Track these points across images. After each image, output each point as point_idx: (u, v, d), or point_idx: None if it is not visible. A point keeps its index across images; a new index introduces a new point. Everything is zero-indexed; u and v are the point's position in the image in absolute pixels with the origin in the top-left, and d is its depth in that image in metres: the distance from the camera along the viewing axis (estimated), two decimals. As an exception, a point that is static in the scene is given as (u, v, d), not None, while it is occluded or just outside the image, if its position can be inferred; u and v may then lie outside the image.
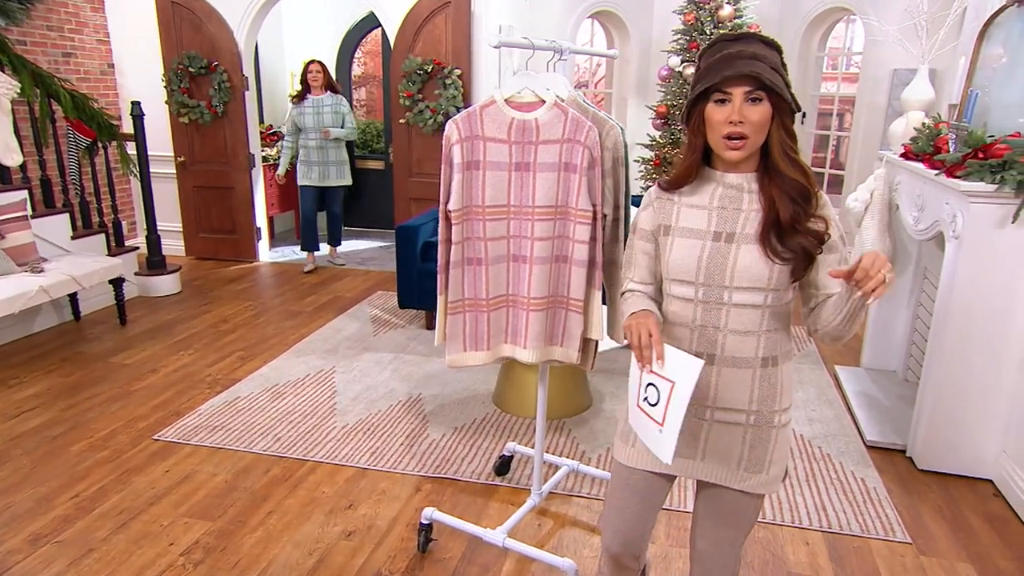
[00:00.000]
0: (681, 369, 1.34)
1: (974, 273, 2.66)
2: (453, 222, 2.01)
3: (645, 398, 1.42)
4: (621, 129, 2.05)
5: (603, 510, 1.69)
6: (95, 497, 2.64)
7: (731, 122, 1.34)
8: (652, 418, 1.40)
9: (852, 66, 6.78)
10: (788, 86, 1.36)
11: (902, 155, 3.35)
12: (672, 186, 1.50)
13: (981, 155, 2.63)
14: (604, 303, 2.12)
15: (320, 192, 5.84)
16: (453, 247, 2.03)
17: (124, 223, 5.27)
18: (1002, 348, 2.70)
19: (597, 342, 2.13)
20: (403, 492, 2.70)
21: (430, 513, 2.35)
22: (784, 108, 1.35)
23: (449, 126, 1.97)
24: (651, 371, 1.38)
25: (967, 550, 2.43)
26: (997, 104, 2.97)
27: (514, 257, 2.07)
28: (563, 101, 1.99)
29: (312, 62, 5.75)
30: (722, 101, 1.35)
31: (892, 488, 2.78)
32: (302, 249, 5.97)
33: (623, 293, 1.62)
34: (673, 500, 2.66)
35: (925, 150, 3.11)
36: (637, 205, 2.29)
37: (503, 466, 2.83)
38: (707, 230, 1.44)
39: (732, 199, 1.43)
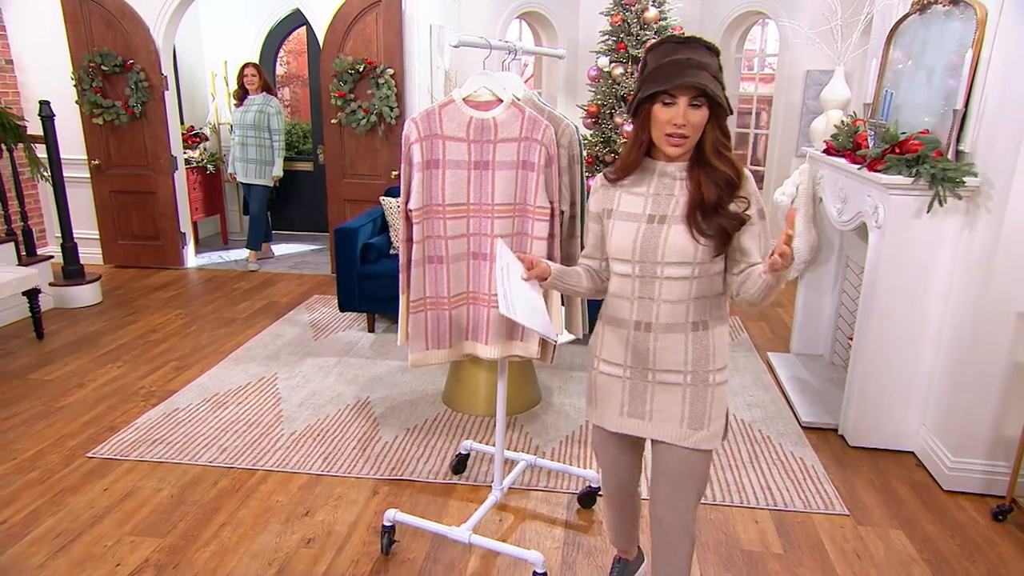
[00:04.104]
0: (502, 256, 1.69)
1: (895, 260, 2.86)
2: (414, 221, 2.01)
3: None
4: (576, 127, 2.10)
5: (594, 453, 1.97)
6: (26, 522, 2.48)
7: (675, 124, 1.51)
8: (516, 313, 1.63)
9: (767, 67, 7.12)
10: (724, 89, 1.54)
11: (824, 151, 3.55)
12: (618, 176, 1.67)
13: (897, 150, 2.84)
14: (562, 304, 2.17)
15: (246, 189, 5.98)
16: (414, 246, 2.03)
17: (33, 231, 4.93)
18: (920, 329, 2.92)
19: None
20: (360, 496, 2.67)
21: (393, 515, 2.33)
22: (720, 112, 1.53)
23: (408, 125, 1.96)
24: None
25: (897, 517, 2.62)
26: (905, 103, 3.20)
27: (474, 255, 2.09)
28: (519, 100, 2.02)
29: (247, 65, 5.74)
30: (668, 104, 1.52)
31: (828, 465, 2.96)
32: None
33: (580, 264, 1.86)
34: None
35: (846, 146, 3.31)
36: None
37: (460, 464, 2.83)
38: (643, 214, 1.63)
39: (666, 186, 1.62)
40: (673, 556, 1.75)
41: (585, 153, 6.04)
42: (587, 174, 5.81)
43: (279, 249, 6.62)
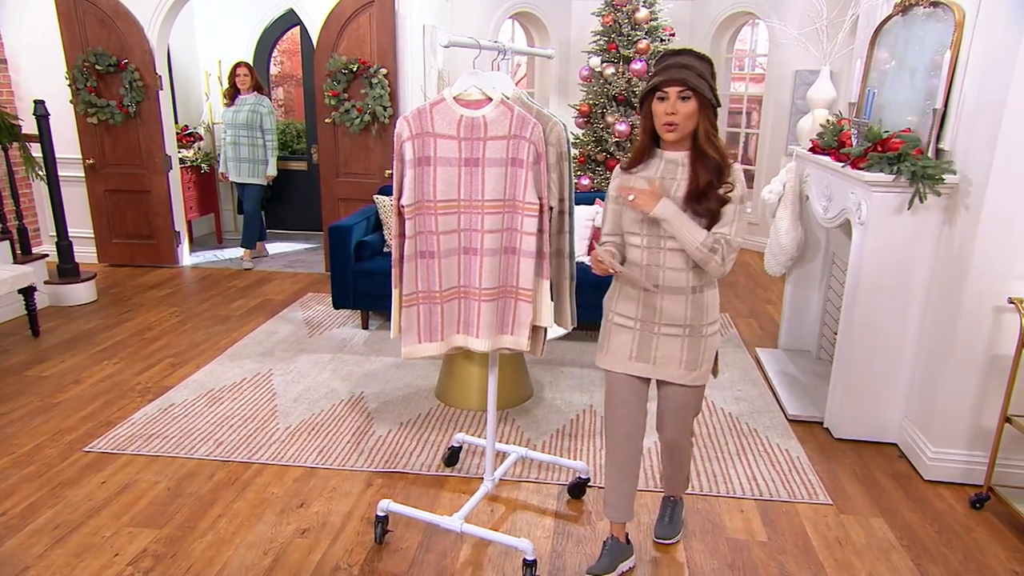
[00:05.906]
0: None
1: (877, 256, 2.93)
2: (406, 217, 2.06)
3: None
4: (564, 125, 2.15)
5: (605, 403, 2.21)
6: (25, 514, 2.52)
7: (668, 113, 1.86)
8: None
9: (757, 67, 7.20)
10: (713, 89, 1.87)
11: (810, 149, 3.62)
12: (631, 164, 2.02)
13: (880, 148, 2.90)
14: (552, 299, 2.22)
15: (240, 188, 6.00)
16: (407, 241, 2.07)
17: (28, 229, 4.96)
18: (902, 323, 2.98)
19: (546, 329, 2.23)
20: (354, 488, 2.72)
21: (386, 505, 2.38)
22: (707, 104, 1.86)
23: (400, 123, 2.02)
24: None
25: (879, 506, 2.69)
26: (889, 102, 3.27)
27: (465, 250, 2.14)
28: (508, 99, 2.07)
29: (239, 65, 5.76)
30: (662, 98, 1.88)
31: (813, 456, 3.02)
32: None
33: (602, 243, 2.13)
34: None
35: (831, 144, 3.38)
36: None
37: (452, 457, 2.88)
38: None
39: (670, 171, 1.96)
40: (681, 460, 2.31)
41: (576, 152, 6.12)
42: (578, 172, 5.87)
43: (273, 248, 6.66)
